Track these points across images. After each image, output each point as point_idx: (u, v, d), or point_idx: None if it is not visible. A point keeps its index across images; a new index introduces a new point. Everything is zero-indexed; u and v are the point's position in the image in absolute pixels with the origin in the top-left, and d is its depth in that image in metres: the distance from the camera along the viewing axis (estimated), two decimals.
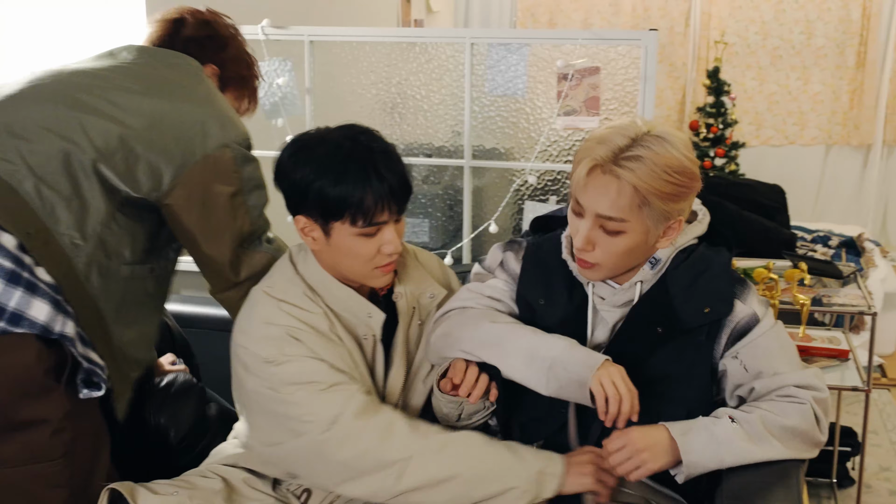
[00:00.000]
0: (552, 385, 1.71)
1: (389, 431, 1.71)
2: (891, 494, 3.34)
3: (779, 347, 1.79)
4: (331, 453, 1.72)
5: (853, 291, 2.93)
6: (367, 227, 1.72)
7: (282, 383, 1.74)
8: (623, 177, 1.62)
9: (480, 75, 2.92)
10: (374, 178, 1.69)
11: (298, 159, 1.74)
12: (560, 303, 1.83)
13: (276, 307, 1.80)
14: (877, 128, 6.45)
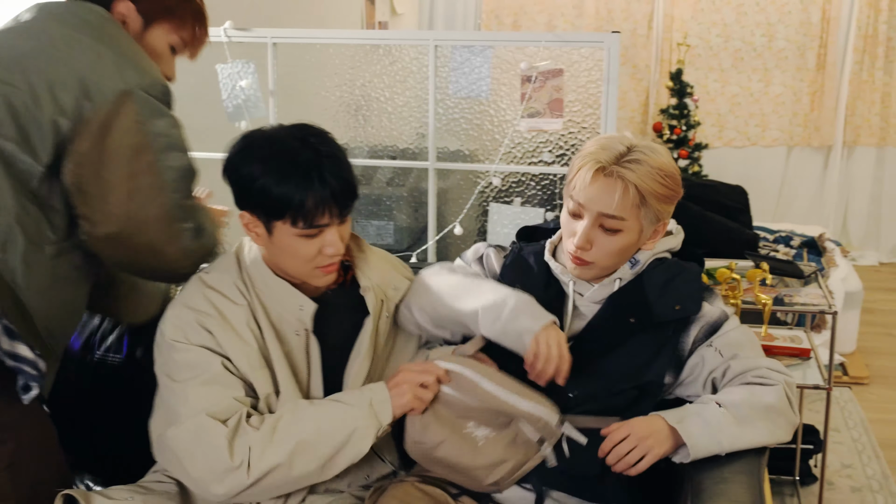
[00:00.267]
0: (497, 326, 1.85)
1: (235, 431, 1.71)
2: (853, 491, 3.38)
3: (748, 340, 1.94)
4: (185, 452, 1.72)
5: (814, 291, 2.96)
6: (308, 228, 1.73)
7: (176, 367, 1.77)
8: (626, 177, 1.78)
9: (444, 77, 2.92)
10: (316, 182, 1.70)
11: (246, 155, 1.75)
12: (536, 292, 1.92)
13: (201, 292, 1.82)
14: (837, 129, 6.54)
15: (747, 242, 4.07)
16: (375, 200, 3.21)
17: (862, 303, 4.75)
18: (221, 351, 1.78)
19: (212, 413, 1.71)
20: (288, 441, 1.72)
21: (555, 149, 2.92)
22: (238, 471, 1.69)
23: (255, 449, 1.70)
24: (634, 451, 1.77)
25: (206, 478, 1.71)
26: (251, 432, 1.71)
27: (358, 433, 1.75)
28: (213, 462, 1.70)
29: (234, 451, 1.69)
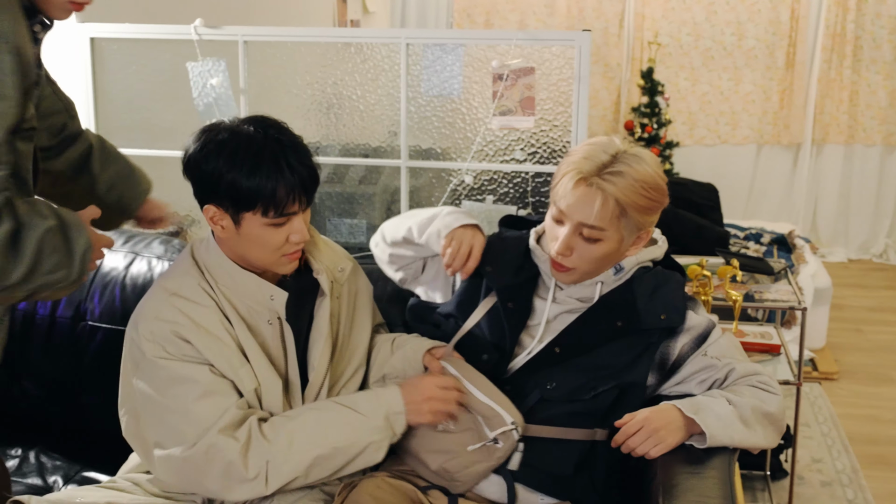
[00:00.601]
0: (423, 230, 2.03)
1: (248, 444, 1.75)
2: (823, 485, 3.41)
3: (736, 346, 2.02)
4: (199, 469, 1.75)
5: (784, 287, 2.99)
6: (279, 217, 1.76)
7: (164, 384, 1.77)
8: (606, 189, 1.81)
9: (416, 76, 2.92)
10: (286, 171, 1.73)
11: (209, 151, 1.75)
12: (507, 273, 2.00)
13: (168, 301, 1.82)
14: (806, 127, 6.59)
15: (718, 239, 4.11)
16: (348, 199, 3.20)
17: (831, 299, 4.80)
18: (203, 359, 1.78)
19: (222, 428, 1.74)
20: (305, 455, 1.76)
21: (527, 147, 2.92)
22: (255, 482, 1.73)
23: (273, 464, 1.74)
24: (647, 442, 1.82)
25: (223, 488, 1.76)
26: (266, 446, 1.75)
27: (373, 446, 1.81)
28: (229, 476, 1.73)
29: (249, 464, 1.73)
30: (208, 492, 1.79)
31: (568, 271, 1.91)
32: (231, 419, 1.75)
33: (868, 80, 6.47)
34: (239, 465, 1.72)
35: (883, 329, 5.18)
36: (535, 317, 2.00)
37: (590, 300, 1.97)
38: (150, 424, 1.81)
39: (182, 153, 1.81)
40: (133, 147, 3.15)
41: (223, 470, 1.73)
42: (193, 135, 1.80)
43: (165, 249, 2.40)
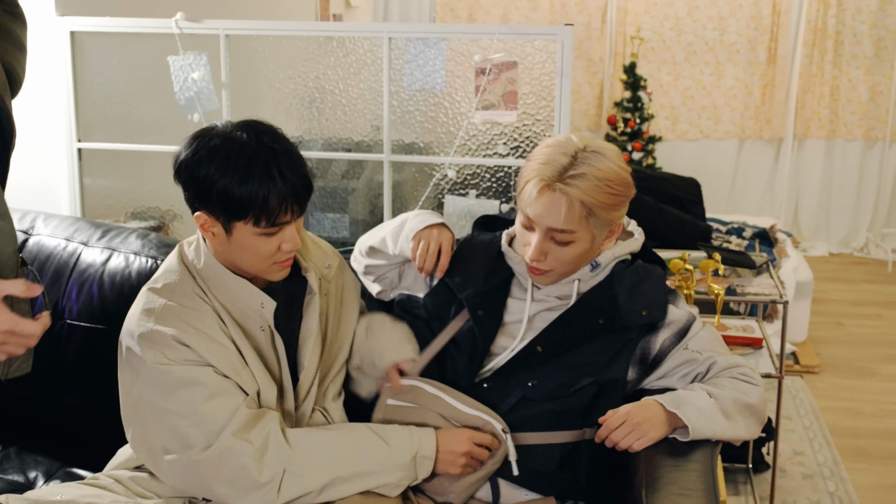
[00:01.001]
0: (396, 238, 2.06)
1: (265, 448, 1.72)
2: (804, 478, 3.43)
3: (716, 338, 2.02)
4: (210, 472, 1.72)
5: (766, 281, 3.00)
6: (271, 227, 1.73)
7: (167, 390, 1.73)
8: (570, 193, 1.80)
9: (399, 70, 2.91)
10: (278, 180, 1.70)
11: (201, 157, 1.72)
12: (475, 281, 2.00)
13: (162, 307, 1.78)
14: (787, 122, 6.62)
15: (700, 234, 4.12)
16: (330, 193, 3.19)
17: (812, 293, 4.83)
18: (205, 362, 1.76)
19: (236, 430, 1.71)
20: (323, 475, 1.74)
21: (509, 141, 2.92)
22: (267, 488, 1.70)
23: (290, 474, 1.71)
24: (630, 436, 1.83)
25: (232, 494, 1.72)
26: (286, 451, 1.73)
27: (391, 485, 1.79)
28: (239, 481, 1.71)
29: (264, 469, 1.70)
30: (216, 497, 1.76)
31: (545, 273, 1.92)
32: (243, 420, 1.72)
33: (849, 75, 6.51)
34: (252, 469, 1.69)
35: (864, 322, 5.21)
36: (514, 316, 1.99)
37: (568, 297, 1.97)
38: (155, 432, 1.78)
39: (173, 158, 1.77)
40: (114, 141, 3.13)
41: (235, 475, 1.70)
42: (185, 140, 1.77)
43: (143, 245, 2.36)
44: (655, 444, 1.84)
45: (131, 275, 2.30)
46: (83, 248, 2.39)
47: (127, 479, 1.91)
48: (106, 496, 1.83)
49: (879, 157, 6.62)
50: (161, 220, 3.22)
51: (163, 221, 3.23)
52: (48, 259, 2.38)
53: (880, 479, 3.45)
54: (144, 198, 3.21)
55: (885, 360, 4.65)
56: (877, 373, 4.48)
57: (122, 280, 2.30)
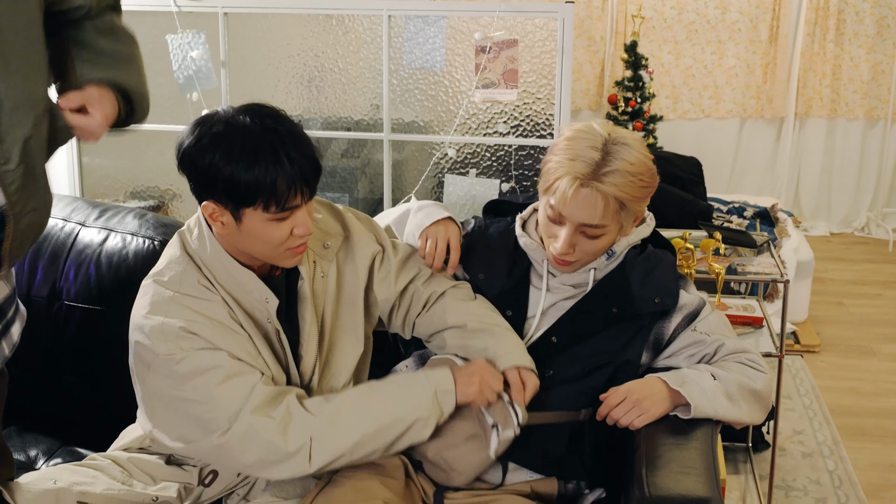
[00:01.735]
0: (401, 227, 2.08)
1: (287, 420, 1.70)
2: (804, 457, 3.43)
3: (724, 322, 2.02)
4: (236, 452, 1.70)
5: (767, 260, 2.99)
6: (281, 212, 1.69)
7: (182, 379, 1.71)
8: (606, 191, 1.78)
9: (398, 48, 2.90)
10: (285, 163, 1.65)
11: (205, 144, 1.66)
12: (500, 277, 2.00)
13: (170, 299, 1.75)
14: (789, 101, 6.59)
15: (701, 213, 4.10)
16: (330, 172, 3.18)
17: (813, 272, 4.82)
18: (220, 346, 1.73)
19: (255, 408, 1.69)
20: (351, 434, 1.72)
21: (510, 120, 2.91)
22: (297, 457, 1.69)
23: (318, 440, 1.70)
24: (630, 413, 1.84)
25: (263, 467, 1.72)
26: (309, 420, 1.71)
27: (419, 423, 1.77)
28: (268, 454, 1.69)
29: (290, 440, 1.69)
30: (247, 470, 1.76)
31: (571, 264, 1.92)
32: (262, 397, 1.70)
33: (851, 53, 6.48)
34: (279, 442, 1.68)
35: (864, 302, 5.21)
36: (532, 308, 1.99)
37: (583, 286, 1.97)
38: (174, 422, 1.75)
39: (176, 147, 1.72)
40: None
41: (262, 451, 1.69)
42: (188, 127, 1.72)
43: (140, 225, 2.34)
44: (656, 423, 1.84)
45: (128, 256, 2.28)
46: (81, 229, 2.37)
47: (125, 459, 1.91)
48: (100, 480, 1.82)
49: (881, 136, 6.60)
50: (160, 199, 3.22)
51: (162, 201, 3.22)
52: (46, 239, 2.37)
53: (879, 457, 3.46)
54: (143, 177, 3.20)
55: (885, 339, 4.65)
56: (877, 352, 4.48)
57: (119, 261, 2.28)
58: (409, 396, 1.78)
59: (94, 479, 1.82)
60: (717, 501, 1.58)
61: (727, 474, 3.16)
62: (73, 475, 1.83)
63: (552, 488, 1.91)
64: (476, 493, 1.87)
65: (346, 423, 1.73)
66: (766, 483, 3.06)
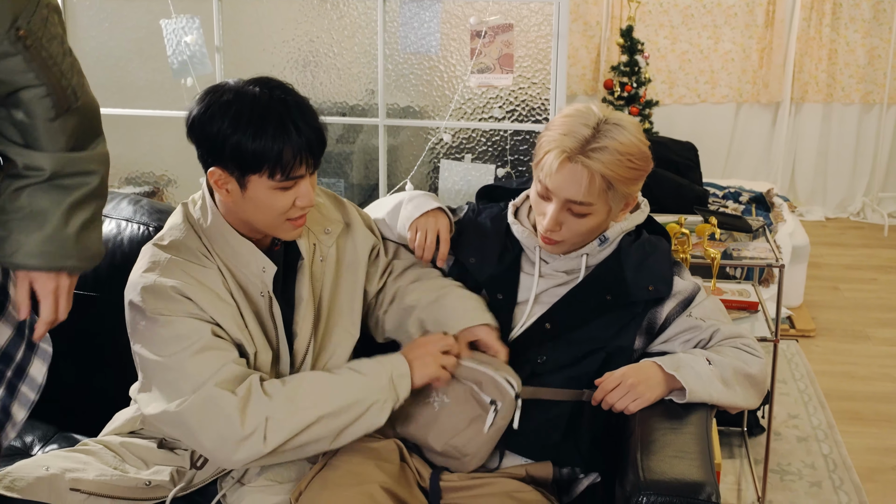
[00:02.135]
0: (395, 219, 2.05)
1: (247, 400, 1.70)
2: (799, 441, 3.44)
3: (720, 308, 2.02)
4: (195, 422, 1.70)
5: (762, 245, 2.99)
6: (286, 180, 1.71)
7: (161, 342, 1.72)
8: (591, 166, 1.78)
9: (393, 32, 2.89)
10: (292, 132, 1.69)
11: (213, 112, 1.70)
12: (490, 262, 1.99)
13: (168, 261, 1.78)
14: (785, 86, 6.58)
15: (697, 198, 4.11)
16: (325, 157, 3.16)
17: (808, 257, 4.83)
18: (207, 317, 1.75)
19: (220, 381, 1.69)
20: (306, 414, 1.71)
21: (505, 104, 2.90)
22: (251, 439, 1.68)
23: (273, 420, 1.68)
24: (626, 398, 1.84)
25: (220, 447, 1.70)
26: (266, 402, 1.70)
27: (375, 407, 1.75)
28: (225, 432, 1.68)
29: (247, 420, 1.67)
30: (205, 451, 1.74)
31: (557, 244, 1.91)
32: (230, 374, 1.71)
33: (847, 38, 6.47)
34: (235, 420, 1.67)
35: (859, 287, 5.22)
36: (524, 293, 1.99)
37: (576, 272, 1.97)
38: (146, 386, 1.76)
39: (186, 116, 1.75)
40: (105, 107, 3.10)
41: (220, 427, 1.68)
42: (197, 96, 1.75)
43: (135, 211, 2.34)
44: (651, 407, 1.84)
45: (123, 241, 2.28)
46: None
47: (118, 444, 1.91)
48: (92, 466, 1.83)
49: (877, 121, 6.60)
50: (155, 185, 3.21)
51: (157, 187, 3.21)
52: None
53: (874, 441, 3.47)
54: (138, 163, 3.19)
55: (879, 324, 4.66)
56: (871, 337, 4.49)
57: (113, 247, 2.28)
58: (365, 380, 1.78)
59: (86, 465, 1.82)
60: (712, 485, 1.58)
61: (722, 458, 3.17)
62: (64, 461, 1.83)
63: (547, 472, 1.91)
64: (472, 475, 1.88)
65: (302, 403, 1.72)
66: (760, 467, 3.07)
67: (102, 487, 1.80)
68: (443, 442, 1.86)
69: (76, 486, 1.77)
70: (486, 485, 1.85)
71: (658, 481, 1.59)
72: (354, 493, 1.72)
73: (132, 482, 1.82)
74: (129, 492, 1.81)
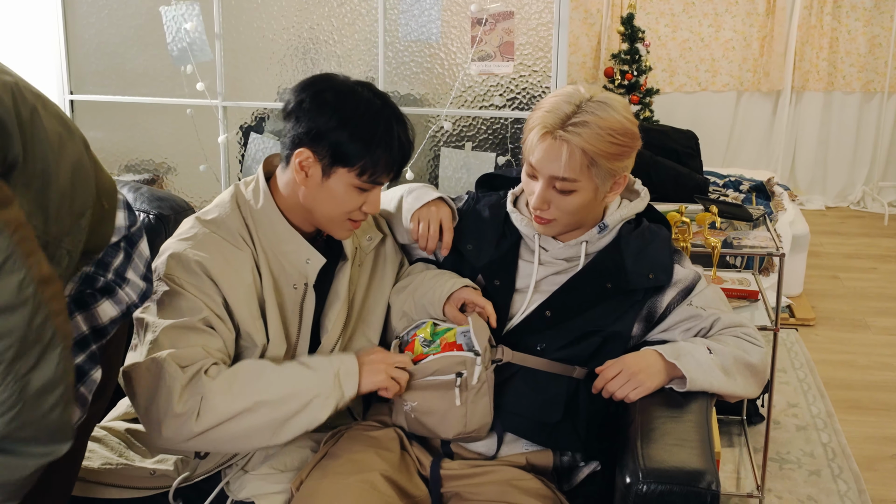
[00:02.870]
0: (398, 213, 2.07)
1: (190, 381, 1.67)
2: (798, 430, 3.45)
3: (720, 297, 2.03)
4: (140, 383, 1.68)
5: (762, 234, 2.99)
6: (370, 183, 1.78)
7: (161, 305, 1.74)
8: (571, 141, 1.79)
9: (394, 20, 2.88)
10: (395, 143, 1.77)
11: (327, 100, 1.76)
12: (487, 249, 2.00)
13: (204, 234, 1.81)
14: (786, 74, 6.57)
15: (697, 187, 4.10)
16: None
17: (808, 246, 4.83)
18: (216, 301, 1.75)
19: (177, 356, 1.68)
20: (244, 397, 1.68)
21: (506, 92, 2.90)
22: (183, 418, 1.65)
23: (208, 399, 1.66)
24: (626, 386, 1.84)
25: (153, 418, 1.67)
26: (207, 382, 1.68)
27: (317, 402, 1.72)
28: (161, 405, 1.66)
29: (184, 398, 1.65)
30: (143, 420, 1.71)
31: (549, 223, 1.91)
32: (192, 355, 1.69)
33: (848, 26, 6.45)
34: (174, 396, 1.64)
35: (859, 276, 5.22)
36: (524, 280, 1.99)
37: (575, 260, 1.97)
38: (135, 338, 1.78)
39: (291, 93, 1.80)
40: (105, 94, 3.10)
41: (158, 396, 1.66)
42: (305, 81, 1.82)
43: (135, 198, 2.33)
44: (651, 395, 1.84)
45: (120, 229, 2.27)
46: None
47: (123, 430, 1.91)
48: (97, 455, 1.83)
49: (877, 109, 6.59)
50: (155, 172, 3.21)
51: (157, 174, 3.21)
52: None
53: (873, 430, 3.47)
54: (138, 150, 3.18)
55: (879, 313, 4.66)
56: (871, 326, 4.49)
57: None
58: (309, 373, 1.76)
59: (91, 453, 1.82)
60: (712, 474, 1.58)
61: (722, 447, 3.18)
62: None
63: (547, 460, 1.91)
64: (472, 463, 1.88)
65: (242, 387, 1.70)
66: (760, 456, 3.08)
67: (108, 476, 1.80)
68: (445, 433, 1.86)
69: (81, 476, 1.77)
70: (486, 473, 1.85)
71: (658, 469, 1.59)
72: (355, 482, 1.72)
73: (137, 471, 1.82)
74: (134, 480, 1.82)
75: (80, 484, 1.77)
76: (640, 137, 1.88)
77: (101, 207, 1.46)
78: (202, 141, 2.98)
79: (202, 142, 2.98)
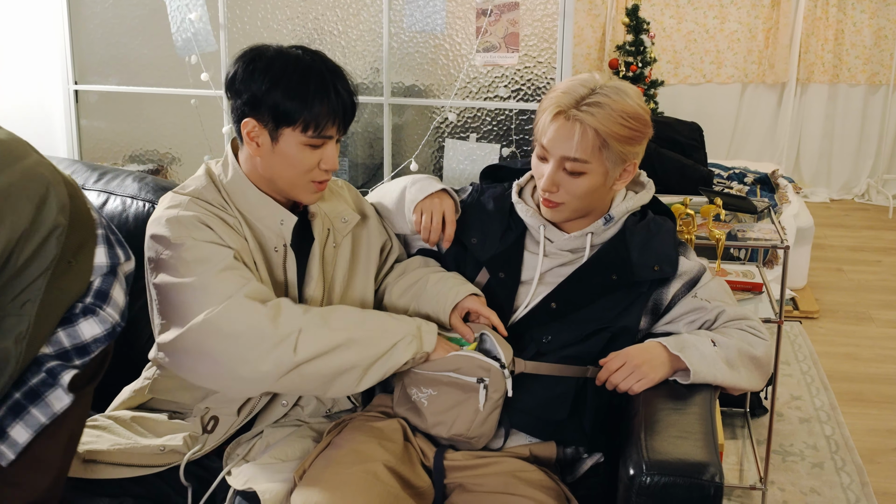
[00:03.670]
0: (400, 204, 2.06)
1: (278, 310, 1.72)
2: (801, 422, 3.45)
3: (725, 289, 2.02)
4: (224, 326, 1.68)
5: (767, 226, 2.98)
6: (316, 137, 1.79)
7: (186, 265, 1.74)
8: (585, 120, 1.79)
9: (399, 10, 2.87)
10: (331, 93, 1.78)
11: (257, 67, 1.78)
12: (492, 242, 2.00)
13: (188, 201, 1.83)
14: (791, 66, 6.56)
15: (702, 179, 4.09)
16: None
17: (813, 239, 4.82)
18: (228, 244, 1.80)
19: (248, 293, 1.71)
20: (338, 333, 1.73)
21: (510, 84, 2.89)
22: (284, 345, 1.67)
23: (306, 332, 1.70)
24: (630, 378, 1.84)
25: (250, 352, 1.67)
26: (300, 313, 1.73)
27: (402, 344, 1.78)
28: (257, 335, 1.67)
29: (280, 324, 1.69)
30: (231, 361, 1.68)
31: (557, 206, 1.90)
32: (256, 290, 1.73)
33: (853, 18, 6.44)
34: (267, 325, 1.67)
35: (863, 269, 5.22)
36: (529, 272, 1.99)
37: (580, 251, 1.97)
38: (168, 315, 1.75)
39: (226, 74, 1.84)
40: (109, 84, 3.10)
41: (247, 332, 1.67)
42: (237, 55, 1.84)
43: (140, 188, 2.35)
44: (655, 387, 1.84)
45: (128, 219, 2.29)
46: None
47: (128, 419, 1.92)
48: (104, 439, 1.84)
49: (882, 102, 6.58)
50: (159, 163, 3.21)
51: (161, 164, 3.21)
52: None
53: (876, 423, 3.48)
54: (142, 140, 3.19)
55: (883, 305, 4.66)
56: (875, 318, 4.49)
57: (118, 224, 2.28)
58: (394, 319, 1.84)
59: (98, 438, 1.84)
60: (716, 466, 1.58)
61: (725, 439, 3.18)
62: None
63: (551, 452, 1.91)
64: (475, 454, 1.88)
65: (335, 322, 1.75)
66: (763, 448, 3.08)
67: (118, 456, 1.81)
68: (445, 431, 1.86)
69: (92, 457, 1.79)
70: (490, 464, 1.85)
71: (662, 461, 1.59)
72: (358, 472, 1.72)
73: (147, 449, 1.83)
74: (145, 458, 1.83)
75: (90, 466, 1.78)
76: (651, 126, 1.88)
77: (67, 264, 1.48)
78: (206, 131, 2.98)
79: (206, 132, 2.98)
